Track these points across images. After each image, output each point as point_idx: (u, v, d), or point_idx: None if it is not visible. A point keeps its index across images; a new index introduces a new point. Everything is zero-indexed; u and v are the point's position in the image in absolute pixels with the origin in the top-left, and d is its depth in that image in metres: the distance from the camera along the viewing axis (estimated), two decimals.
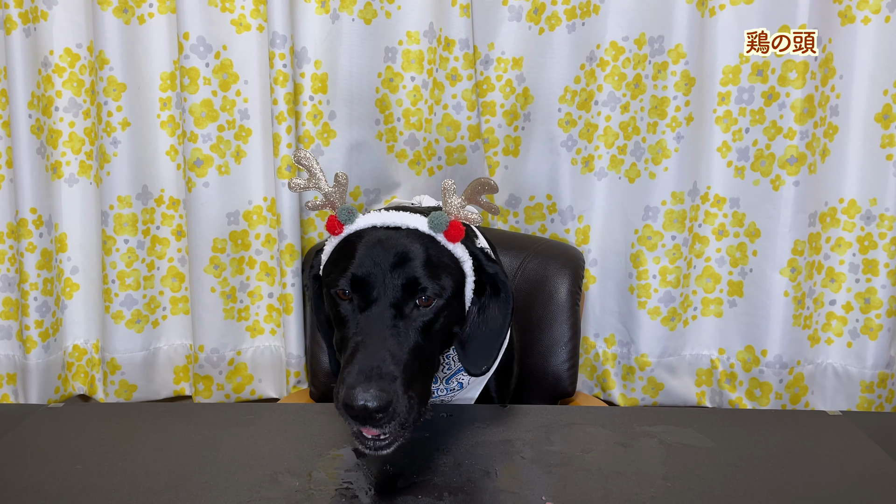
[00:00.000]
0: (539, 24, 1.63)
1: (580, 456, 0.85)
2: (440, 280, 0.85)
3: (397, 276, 0.83)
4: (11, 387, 1.67)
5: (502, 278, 0.94)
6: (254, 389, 1.72)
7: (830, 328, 1.68)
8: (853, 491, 0.78)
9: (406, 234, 0.87)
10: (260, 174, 1.65)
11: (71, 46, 1.61)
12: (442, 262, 0.87)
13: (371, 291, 0.82)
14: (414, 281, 0.83)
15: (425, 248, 0.86)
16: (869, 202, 1.60)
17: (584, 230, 1.69)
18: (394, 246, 0.85)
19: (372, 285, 0.82)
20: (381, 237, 0.86)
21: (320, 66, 1.60)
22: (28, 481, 0.79)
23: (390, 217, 0.89)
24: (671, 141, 1.59)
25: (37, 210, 1.58)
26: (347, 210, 0.88)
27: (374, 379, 0.74)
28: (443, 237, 0.88)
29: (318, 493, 0.76)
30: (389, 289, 0.82)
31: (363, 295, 0.83)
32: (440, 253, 0.88)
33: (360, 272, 0.83)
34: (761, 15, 1.56)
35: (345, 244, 0.88)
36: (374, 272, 0.83)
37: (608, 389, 1.72)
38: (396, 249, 0.84)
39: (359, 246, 0.86)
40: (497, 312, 0.94)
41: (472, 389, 1.05)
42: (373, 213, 0.89)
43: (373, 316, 0.81)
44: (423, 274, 0.83)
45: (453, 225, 0.87)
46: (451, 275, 0.87)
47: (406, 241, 0.85)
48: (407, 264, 0.83)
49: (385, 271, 0.83)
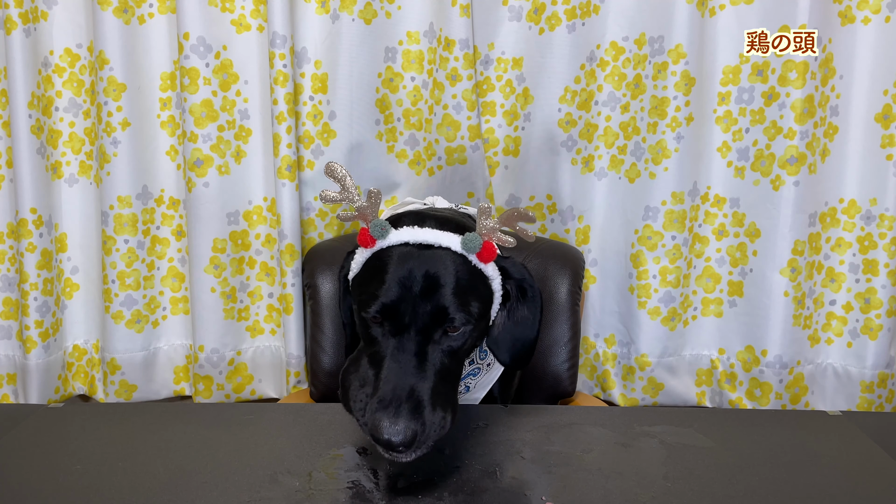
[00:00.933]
0: (539, 24, 1.63)
1: (580, 456, 0.85)
2: (469, 307, 0.85)
3: (427, 304, 0.83)
4: (11, 387, 1.67)
5: (529, 281, 0.94)
6: (254, 389, 1.72)
7: (830, 328, 1.68)
8: (853, 491, 0.78)
9: (438, 255, 0.87)
10: (260, 174, 1.65)
11: (71, 46, 1.61)
12: (472, 286, 0.87)
13: (401, 318, 0.83)
14: (443, 310, 0.83)
15: (456, 270, 0.86)
16: (869, 202, 1.60)
17: (584, 230, 1.69)
18: (424, 268, 0.85)
19: (402, 312, 0.83)
20: (413, 256, 0.86)
21: (320, 66, 1.60)
22: (28, 481, 0.79)
23: (423, 234, 0.88)
24: (671, 141, 1.59)
25: (37, 210, 1.58)
26: (381, 226, 0.88)
27: (402, 413, 0.75)
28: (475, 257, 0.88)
29: (318, 493, 0.76)
30: (419, 316, 0.83)
31: (393, 322, 0.84)
32: (471, 274, 0.88)
33: (389, 299, 0.84)
34: (761, 15, 1.56)
35: (376, 261, 0.88)
36: (405, 298, 0.83)
37: (608, 389, 1.72)
38: (427, 271, 0.85)
39: (389, 267, 0.86)
40: (527, 312, 0.95)
41: (476, 392, 1.06)
42: (405, 229, 0.89)
43: (402, 343, 0.82)
44: (452, 303, 0.84)
45: (486, 246, 0.88)
46: (479, 298, 0.88)
47: (438, 265, 0.86)
48: (437, 291, 0.84)
49: (415, 298, 0.83)
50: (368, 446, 0.87)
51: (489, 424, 0.94)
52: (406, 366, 0.80)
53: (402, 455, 0.77)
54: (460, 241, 0.87)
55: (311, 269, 1.46)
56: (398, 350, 0.82)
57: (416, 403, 0.77)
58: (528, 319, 0.95)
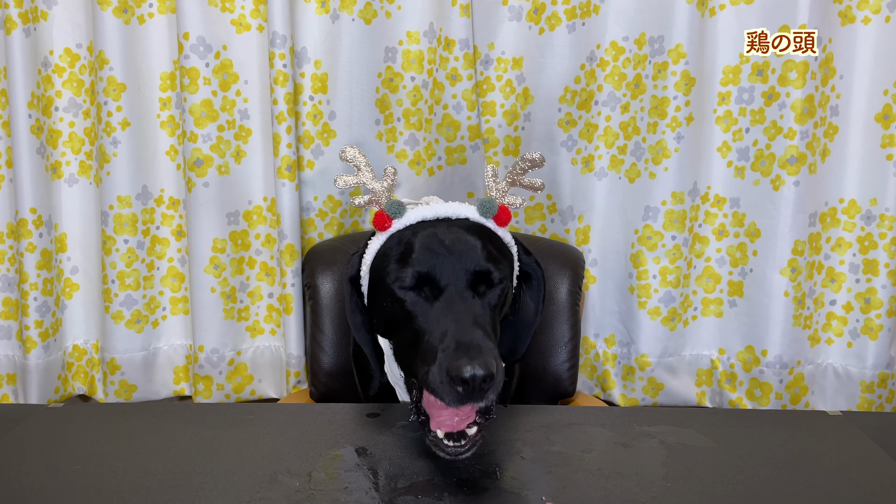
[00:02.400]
0: (539, 24, 1.63)
1: (580, 456, 0.85)
2: (500, 263, 0.87)
3: (463, 264, 0.84)
4: (11, 387, 1.67)
5: (535, 267, 0.95)
6: (254, 389, 1.72)
7: (831, 328, 1.68)
8: (853, 491, 0.78)
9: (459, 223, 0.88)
10: (260, 174, 1.65)
11: (71, 46, 1.61)
12: (498, 247, 0.89)
13: (440, 281, 0.83)
14: (480, 266, 0.84)
15: (481, 234, 0.88)
16: (869, 202, 1.60)
17: (584, 230, 1.69)
18: (453, 235, 0.86)
19: (440, 276, 0.84)
20: (437, 228, 0.87)
21: (320, 66, 1.60)
22: (28, 481, 0.79)
23: (440, 209, 0.90)
24: (671, 141, 1.59)
25: (37, 210, 1.58)
26: (397, 204, 0.89)
27: (476, 350, 0.75)
28: (492, 223, 0.89)
29: (318, 493, 0.76)
30: (458, 276, 0.83)
31: (433, 286, 0.84)
32: (493, 238, 0.90)
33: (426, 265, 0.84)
34: (761, 15, 1.56)
35: (398, 240, 0.88)
36: (440, 263, 0.84)
37: (608, 389, 1.72)
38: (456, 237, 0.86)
39: (416, 241, 0.86)
40: (529, 300, 0.96)
41: None
42: (420, 206, 0.90)
43: (453, 298, 0.82)
44: (486, 259, 0.85)
45: (502, 209, 0.89)
46: (506, 259, 0.89)
47: (463, 230, 0.87)
48: (470, 251, 0.85)
49: (450, 260, 0.84)
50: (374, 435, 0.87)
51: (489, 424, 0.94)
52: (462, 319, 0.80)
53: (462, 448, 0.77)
54: (477, 208, 0.89)
55: (311, 269, 1.46)
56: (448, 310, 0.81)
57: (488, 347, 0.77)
58: (529, 307, 0.95)
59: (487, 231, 0.89)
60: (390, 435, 0.90)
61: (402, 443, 0.87)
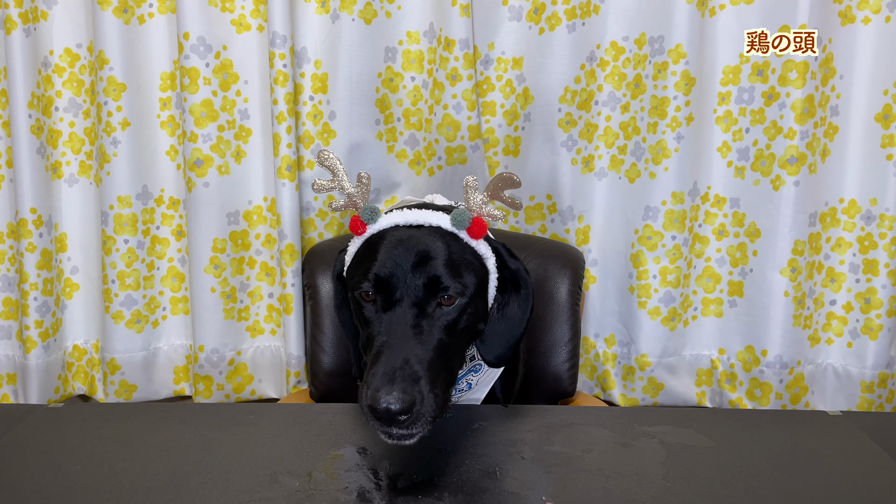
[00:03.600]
0: (539, 24, 1.63)
1: (580, 456, 0.85)
2: (462, 278, 0.85)
3: (419, 276, 0.83)
4: (11, 387, 1.67)
5: (524, 275, 0.94)
6: (254, 389, 1.72)
7: (831, 328, 1.68)
8: (853, 491, 0.78)
9: (428, 232, 0.87)
10: (260, 174, 1.65)
11: (71, 46, 1.61)
12: (465, 260, 0.87)
13: (394, 292, 0.83)
14: (436, 280, 0.83)
15: (447, 245, 0.86)
16: (869, 202, 1.60)
17: (584, 230, 1.69)
18: (416, 245, 0.85)
19: (394, 286, 0.83)
20: (404, 236, 0.86)
21: (320, 66, 1.60)
22: (28, 481, 0.79)
23: (413, 216, 0.89)
24: (671, 141, 1.59)
25: (37, 210, 1.58)
26: (370, 210, 0.89)
27: (398, 381, 0.74)
28: (465, 234, 0.88)
29: (318, 493, 0.76)
30: (412, 289, 0.83)
31: (386, 296, 0.83)
32: (463, 250, 0.88)
33: (381, 273, 0.83)
34: (761, 15, 1.56)
35: (368, 244, 0.89)
36: (396, 273, 0.83)
37: (608, 389, 1.72)
38: (418, 248, 0.85)
39: (381, 246, 0.86)
40: (517, 309, 0.95)
41: (478, 390, 1.06)
42: (395, 212, 0.90)
43: (396, 317, 0.82)
44: (444, 273, 0.84)
45: (476, 222, 0.88)
46: (473, 272, 0.88)
47: (428, 240, 0.86)
48: (428, 263, 0.84)
49: (407, 271, 0.83)
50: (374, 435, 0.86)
51: (489, 424, 0.94)
52: (401, 339, 0.80)
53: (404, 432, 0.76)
54: (450, 219, 0.88)
55: (311, 269, 1.46)
56: (392, 324, 0.81)
57: (412, 373, 0.76)
58: (516, 316, 0.95)
59: (457, 243, 0.88)
60: None
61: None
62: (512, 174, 0.86)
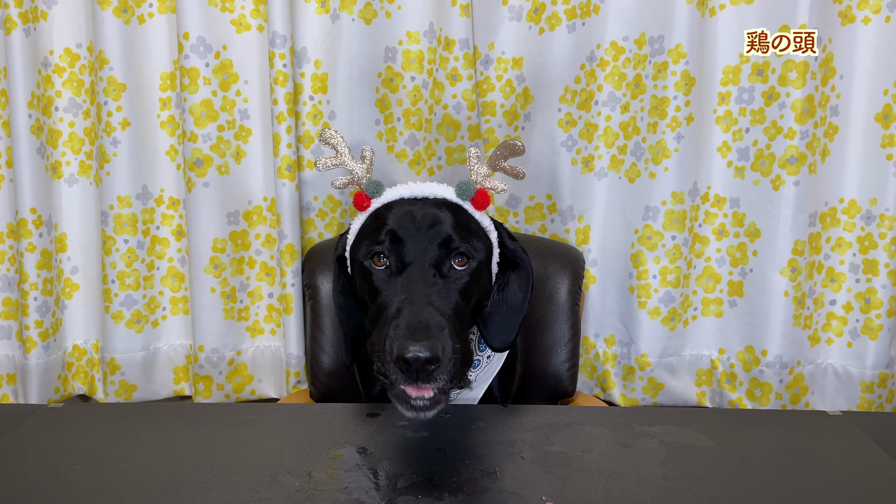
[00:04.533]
0: (539, 24, 1.63)
1: (580, 456, 0.85)
2: (472, 242, 0.87)
3: (432, 238, 0.84)
4: (11, 387, 1.67)
5: (521, 255, 0.95)
6: (254, 389, 1.72)
7: (830, 328, 1.68)
8: (853, 491, 0.78)
9: (434, 202, 0.88)
10: (260, 174, 1.65)
11: (71, 46, 1.61)
12: (472, 227, 0.89)
13: (407, 254, 0.84)
14: (448, 240, 0.84)
15: (454, 214, 0.88)
16: (869, 202, 1.60)
17: (584, 230, 1.69)
18: (425, 211, 0.86)
19: (407, 248, 0.84)
20: (411, 207, 0.87)
21: (320, 66, 1.60)
22: (28, 481, 0.79)
23: (417, 188, 0.90)
24: (671, 141, 1.59)
25: (37, 210, 1.58)
26: (375, 183, 0.90)
27: (423, 331, 0.75)
28: (470, 205, 0.89)
29: (318, 493, 0.76)
30: (426, 250, 0.84)
31: (399, 258, 0.84)
32: (469, 219, 0.89)
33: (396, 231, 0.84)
34: (761, 15, 1.56)
35: (374, 217, 0.89)
36: (409, 236, 0.84)
37: (608, 389, 1.72)
38: (427, 213, 0.86)
39: (389, 216, 0.87)
40: (516, 289, 0.96)
41: (477, 387, 1.06)
42: (400, 185, 0.90)
43: (414, 274, 0.82)
44: (456, 235, 0.85)
45: (480, 192, 0.89)
46: (480, 240, 0.89)
47: (436, 209, 0.87)
48: (439, 226, 0.85)
49: (419, 234, 0.84)
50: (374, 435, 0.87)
51: (489, 424, 0.94)
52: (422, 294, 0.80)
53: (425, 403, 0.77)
54: (455, 189, 0.89)
55: (311, 269, 1.46)
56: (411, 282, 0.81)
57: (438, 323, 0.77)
58: (516, 296, 0.95)
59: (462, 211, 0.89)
60: (390, 435, 0.90)
61: (401, 443, 0.87)
62: (515, 141, 0.86)
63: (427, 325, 0.76)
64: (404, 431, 0.91)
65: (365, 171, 0.91)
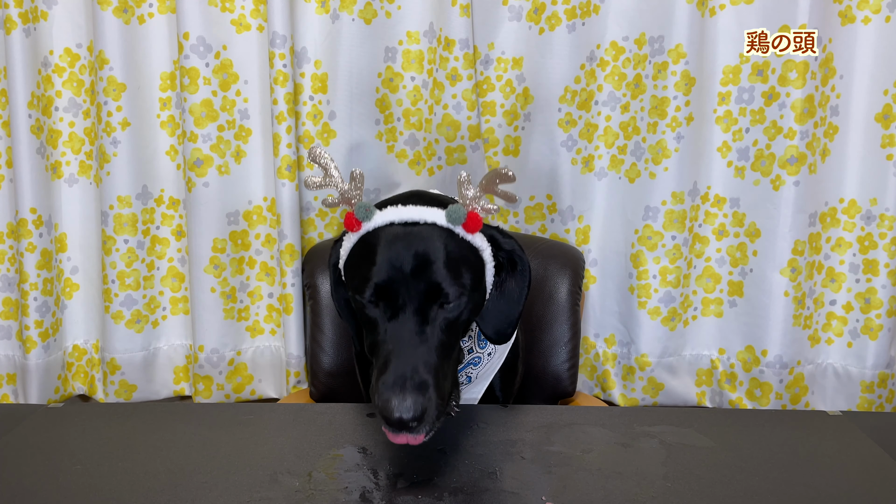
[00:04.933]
0: (539, 24, 1.63)
1: (580, 456, 0.85)
2: (461, 278, 0.86)
3: (419, 282, 0.84)
4: (11, 387, 1.67)
5: (519, 253, 0.94)
6: (254, 389, 1.72)
7: (831, 328, 1.68)
8: (853, 491, 0.78)
9: (424, 229, 0.87)
10: (260, 174, 1.65)
11: (71, 46, 1.61)
12: (462, 257, 0.88)
13: (395, 300, 0.84)
14: (436, 286, 0.84)
15: (444, 244, 0.87)
16: (869, 202, 1.60)
17: (584, 230, 1.69)
18: (413, 246, 0.85)
19: (395, 293, 0.84)
20: (400, 235, 0.86)
21: (320, 66, 1.60)
22: (28, 481, 0.79)
23: (407, 213, 0.89)
24: (671, 141, 1.59)
25: (37, 210, 1.58)
26: (365, 207, 0.89)
27: (409, 390, 0.77)
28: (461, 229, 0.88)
29: (318, 493, 0.76)
30: (413, 295, 0.83)
31: (388, 303, 0.84)
32: (459, 246, 0.88)
33: (381, 280, 0.84)
34: (761, 15, 1.56)
35: (364, 244, 0.89)
36: (396, 279, 0.84)
37: (608, 389, 1.72)
38: (416, 250, 0.85)
39: (378, 248, 0.86)
40: (514, 286, 0.95)
41: (479, 384, 1.06)
42: (390, 209, 0.89)
43: (399, 324, 0.83)
44: (444, 276, 0.84)
45: (471, 216, 0.88)
46: (471, 268, 0.88)
47: (425, 240, 0.86)
48: (427, 268, 0.84)
49: (407, 277, 0.84)
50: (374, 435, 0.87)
51: (489, 424, 0.94)
52: (407, 346, 0.81)
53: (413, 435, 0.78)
54: (445, 214, 0.88)
55: (311, 269, 1.46)
56: (398, 331, 0.83)
57: (421, 381, 0.78)
58: (514, 293, 0.95)
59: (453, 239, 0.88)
60: None
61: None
62: (505, 169, 0.86)
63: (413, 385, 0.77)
64: None
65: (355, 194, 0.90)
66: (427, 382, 0.78)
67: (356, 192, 0.89)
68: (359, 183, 0.89)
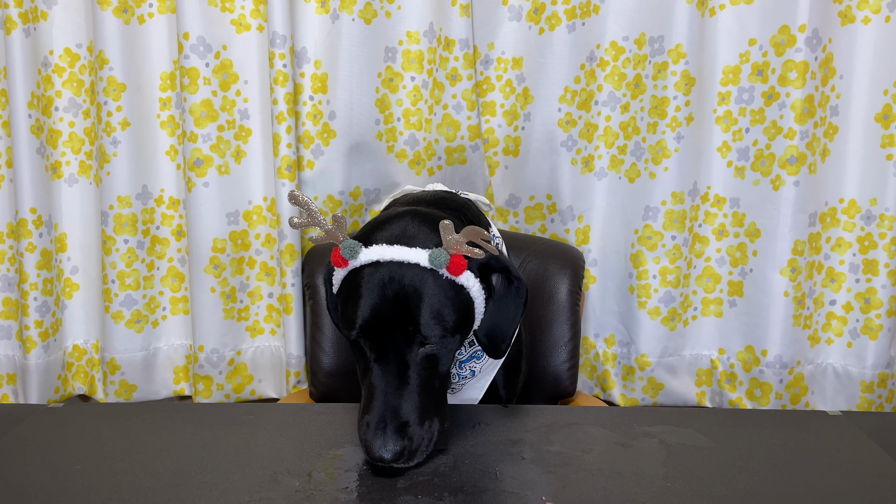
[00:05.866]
0: (539, 24, 1.63)
1: (580, 456, 0.85)
2: (444, 321, 0.87)
3: (402, 325, 0.85)
4: (11, 387, 1.67)
5: (515, 273, 0.94)
6: (254, 389, 1.72)
7: (830, 328, 1.68)
8: (853, 491, 0.78)
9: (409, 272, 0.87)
10: (260, 174, 1.65)
11: (71, 46, 1.61)
12: (446, 299, 0.88)
13: (378, 342, 0.86)
14: (417, 330, 0.85)
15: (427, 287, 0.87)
16: (869, 202, 1.60)
17: (584, 230, 1.69)
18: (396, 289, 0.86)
19: (378, 335, 0.86)
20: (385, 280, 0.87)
21: (320, 66, 1.60)
22: (28, 481, 0.79)
23: (392, 252, 0.89)
24: (671, 141, 1.59)
25: (37, 210, 1.58)
26: (350, 248, 0.90)
27: (389, 433, 0.80)
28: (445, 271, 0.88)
29: (318, 493, 0.76)
30: (396, 338, 0.85)
31: (372, 343, 0.87)
32: (443, 287, 0.88)
33: (365, 323, 0.86)
34: (761, 15, 1.56)
35: (350, 281, 0.90)
36: (379, 323, 0.86)
37: (608, 389, 1.72)
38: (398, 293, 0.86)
39: (363, 291, 0.87)
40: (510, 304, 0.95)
41: (482, 378, 1.06)
42: (375, 248, 0.89)
43: (381, 366, 0.86)
44: (426, 320, 0.85)
45: (454, 261, 0.88)
46: (455, 308, 0.88)
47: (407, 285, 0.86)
48: (410, 313, 0.85)
49: (389, 320, 0.85)
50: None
51: (489, 424, 0.94)
52: (389, 387, 0.84)
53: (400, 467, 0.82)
54: (427, 259, 0.87)
55: (311, 269, 1.46)
56: (381, 372, 0.85)
57: (401, 423, 0.81)
58: (509, 312, 0.95)
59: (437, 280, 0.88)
60: None
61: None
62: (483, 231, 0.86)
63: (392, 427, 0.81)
64: None
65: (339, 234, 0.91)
66: (408, 424, 0.82)
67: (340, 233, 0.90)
68: (341, 225, 0.90)
